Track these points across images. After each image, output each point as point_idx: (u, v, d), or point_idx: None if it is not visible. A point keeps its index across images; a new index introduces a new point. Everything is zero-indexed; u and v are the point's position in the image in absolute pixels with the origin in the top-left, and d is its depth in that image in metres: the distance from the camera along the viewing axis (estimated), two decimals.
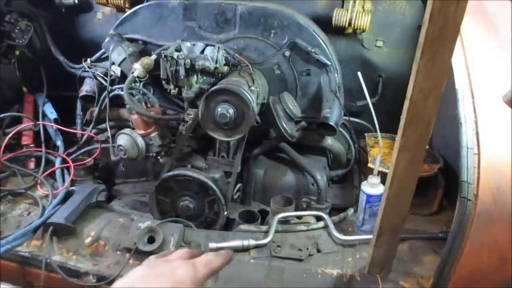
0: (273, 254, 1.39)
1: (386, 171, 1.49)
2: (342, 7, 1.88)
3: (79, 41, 2.20)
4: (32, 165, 1.84)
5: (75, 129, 1.95)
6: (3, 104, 1.98)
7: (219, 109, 1.49)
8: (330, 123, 1.64)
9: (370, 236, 1.26)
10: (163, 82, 1.66)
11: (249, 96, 1.49)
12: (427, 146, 1.72)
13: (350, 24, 1.82)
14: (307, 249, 1.42)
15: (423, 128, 1.02)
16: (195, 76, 1.65)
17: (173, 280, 0.74)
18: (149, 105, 1.70)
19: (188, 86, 1.65)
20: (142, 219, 1.48)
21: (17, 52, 1.99)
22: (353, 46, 1.97)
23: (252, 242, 1.41)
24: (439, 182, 1.59)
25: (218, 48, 1.62)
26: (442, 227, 1.50)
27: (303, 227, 1.53)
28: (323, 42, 1.72)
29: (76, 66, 1.94)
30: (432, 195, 1.62)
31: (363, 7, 1.90)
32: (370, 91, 2.02)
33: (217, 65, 1.62)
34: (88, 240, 1.46)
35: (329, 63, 1.70)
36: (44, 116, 1.92)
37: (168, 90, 1.67)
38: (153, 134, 1.66)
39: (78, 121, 1.96)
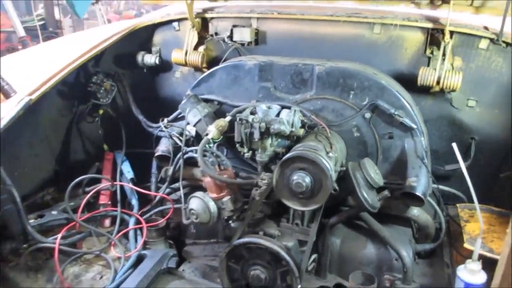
0: None
1: (488, 254, 1.30)
2: (428, 65, 1.76)
3: (159, 99, 2.27)
4: (107, 222, 1.86)
5: (149, 186, 1.96)
6: (85, 161, 2.06)
7: (295, 178, 1.40)
8: (417, 193, 1.48)
9: None
10: (237, 145, 1.62)
11: (327, 164, 1.38)
12: None
13: (438, 83, 1.68)
14: None
15: None
16: (270, 139, 1.59)
17: None
18: (222, 168, 1.67)
19: (263, 149, 1.60)
20: None
21: (101, 111, 2.08)
22: (441, 105, 1.82)
23: None
24: None
25: (295, 111, 1.56)
26: None
27: None
28: (408, 104, 1.59)
29: (154, 125, 1.98)
30: None
31: (452, 65, 1.76)
32: (461, 155, 1.84)
33: (293, 129, 1.55)
34: None
35: (415, 127, 1.56)
36: (122, 175, 1.95)
37: (242, 153, 1.63)
38: (225, 199, 1.61)
39: (153, 179, 1.97)
